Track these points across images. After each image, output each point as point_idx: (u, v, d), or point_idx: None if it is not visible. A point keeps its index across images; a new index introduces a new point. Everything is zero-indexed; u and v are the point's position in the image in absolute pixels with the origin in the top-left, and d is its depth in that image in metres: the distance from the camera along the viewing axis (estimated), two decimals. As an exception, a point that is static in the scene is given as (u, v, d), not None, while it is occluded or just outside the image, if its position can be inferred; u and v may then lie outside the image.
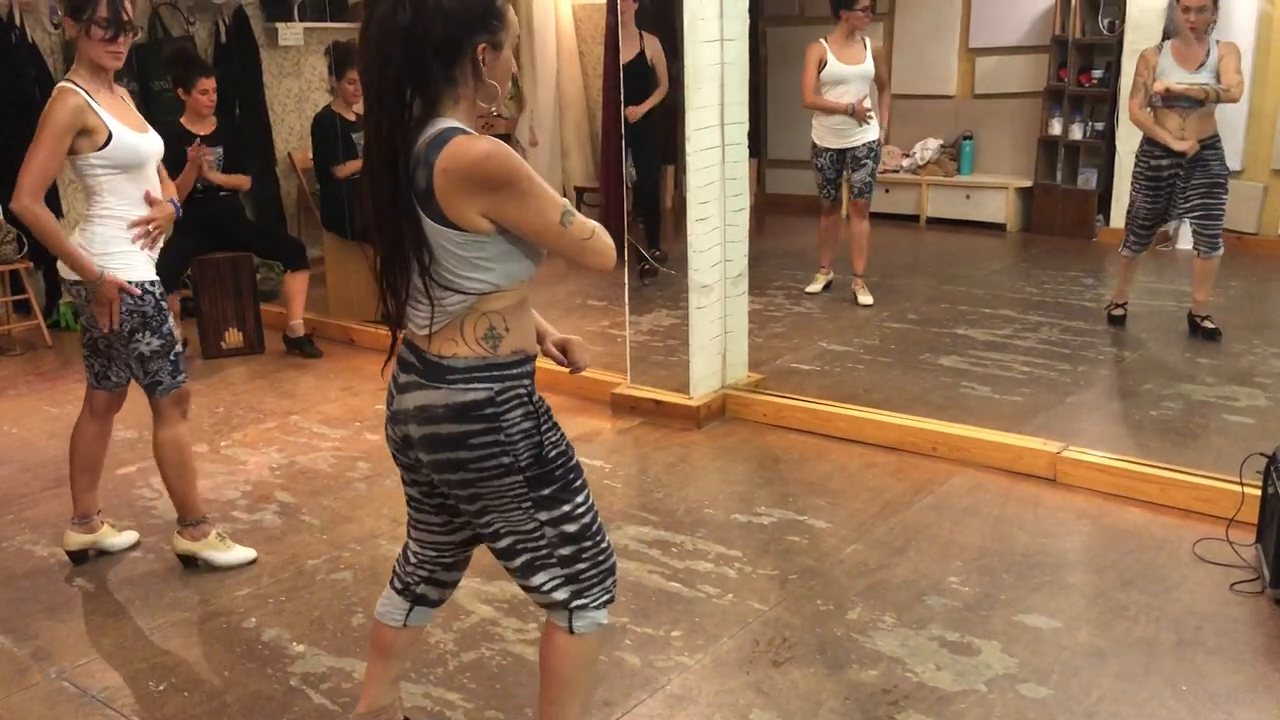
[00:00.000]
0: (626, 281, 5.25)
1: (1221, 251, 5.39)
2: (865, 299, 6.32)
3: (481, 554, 3.43)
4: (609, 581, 2.17)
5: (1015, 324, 5.81)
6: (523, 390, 2.04)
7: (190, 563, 3.44)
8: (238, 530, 3.69)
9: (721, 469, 4.13)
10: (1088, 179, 8.21)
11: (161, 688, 2.78)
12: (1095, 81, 8.04)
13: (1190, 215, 5.36)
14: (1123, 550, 3.37)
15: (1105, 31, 8.01)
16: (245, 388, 5.30)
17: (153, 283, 3.25)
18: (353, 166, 6.01)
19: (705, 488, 3.93)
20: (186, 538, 3.42)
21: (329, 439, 4.54)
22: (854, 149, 6.22)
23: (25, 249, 6.08)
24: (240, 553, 3.47)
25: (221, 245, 5.80)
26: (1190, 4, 5.03)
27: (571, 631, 2.15)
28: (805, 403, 4.49)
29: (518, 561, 2.11)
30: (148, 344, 3.22)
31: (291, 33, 7.48)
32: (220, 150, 5.61)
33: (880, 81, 6.30)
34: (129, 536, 3.63)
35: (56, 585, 3.36)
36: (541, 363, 2.20)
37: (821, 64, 6.01)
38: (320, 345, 5.85)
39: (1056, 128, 8.33)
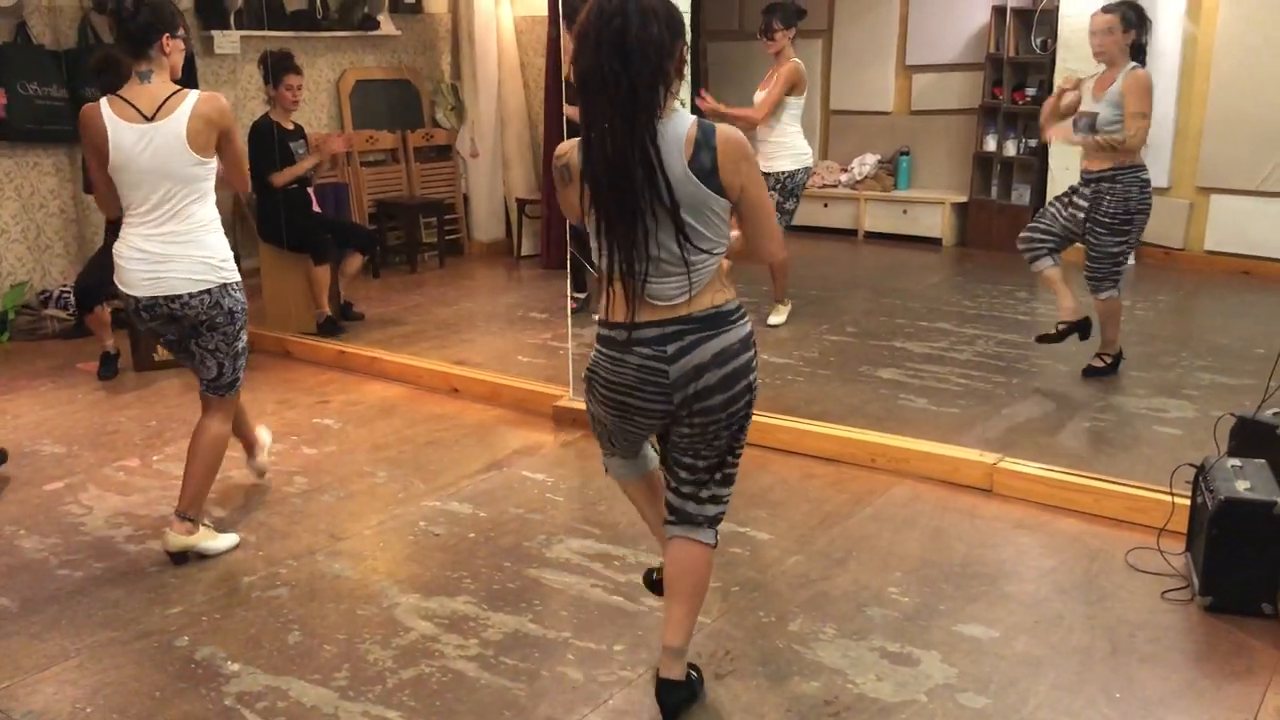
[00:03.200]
0: (569, 293, 5.25)
1: (1106, 295, 4.92)
2: (775, 319, 6.14)
3: (422, 569, 3.40)
4: None
5: (952, 337, 5.90)
6: None
7: (181, 559, 3.46)
8: (170, 547, 3.61)
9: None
10: (1021, 195, 8.37)
11: (89, 710, 2.71)
12: (1029, 99, 8.20)
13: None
14: (1058, 560, 3.42)
15: (1038, 50, 8.18)
16: (178, 401, 5.20)
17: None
18: (290, 174, 5.94)
19: (647, 500, 3.92)
20: (183, 532, 3.45)
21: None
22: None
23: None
24: (228, 538, 3.59)
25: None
26: (1092, 28, 4.80)
27: (714, 545, 2.58)
28: (746, 415, 4.51)
29: (721, 475, 2.54)
30: (243, 342, 3.50)
31: (228, 41, 7.37)
32: None
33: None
34: (228, 539, 3.61)
35: (-20, 605, 3.26)
36: (489, 375, 2.18)
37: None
38: (255, 358, 5.75)
39: (991, 144, 8.48)
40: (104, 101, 3.29)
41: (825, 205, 9.14)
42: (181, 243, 3.32)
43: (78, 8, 6.66)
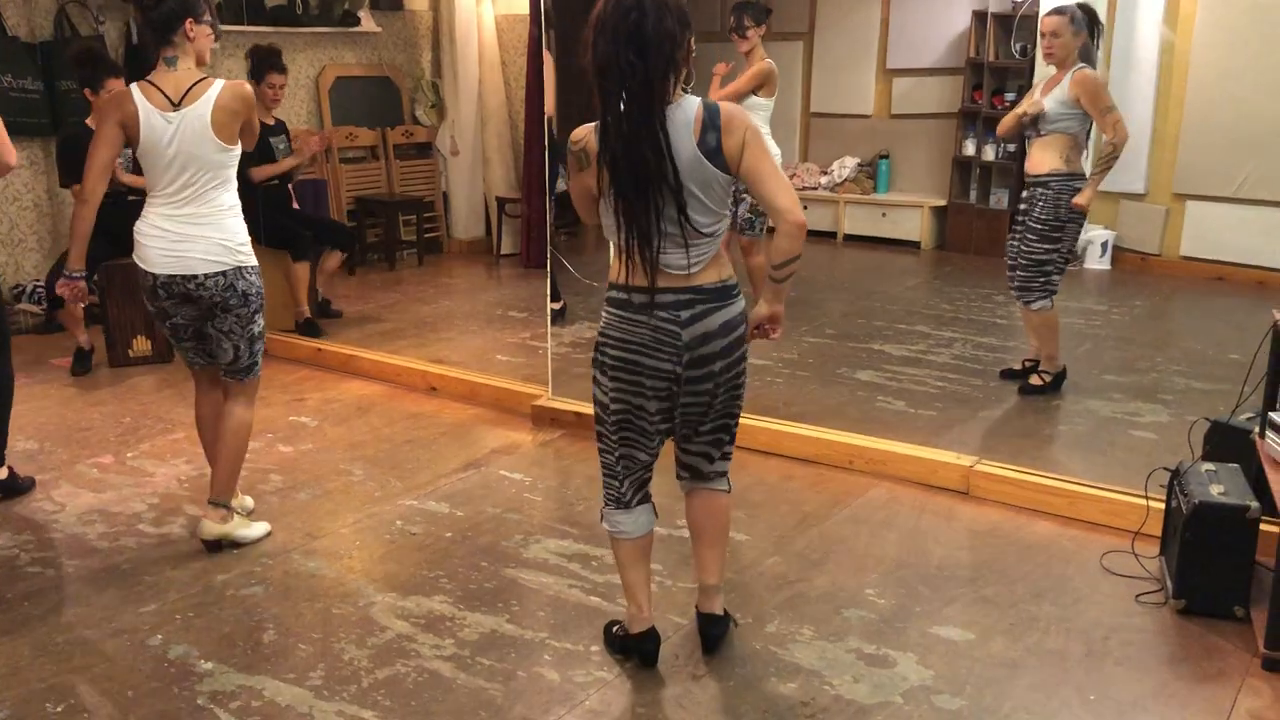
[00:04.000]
0: (548, 293, 5.23)
1: (1038, 306, 4.82)
2: None
3: (398, 568, 3.39)
4: None
5: (929, 340, 5.92)
6: None
7: (216, 547, 3.51)
8: (144, 544, 3.58)
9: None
10: (1000, 199, 8.41)
11: (60, 709, 2.68)
12: (1008, 104, 8.22)
13: None
14: (1034, 563, 3.44)
15: (1018, 55, 8.23)
16: (153, 397, 5.16)
17: None
18: (270, 171, 5.90)
19: (625, 501, 3.91)
20: (217, 520, 3.51)
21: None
22: None
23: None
24: (260, 527, 3.64)
25: (129, 250, 5.62)
26: (1042, 29, 4.77)
27: (729, 490, 2.87)
28: (725, 416, 4.51)
29: (727, 435, 2.78)
30: (259, 325, 3.52)
31: (206, 35, 7.30)
32: (129, 152, 5.45)
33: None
34: (261, 527, 3.65)
35: (-51, 602, 3.23)
36: (468, 374, 2.17)
37: None
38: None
39: (970, 148, 8.52)
40: (135, 87, 3.35)
41: (805, 207, 9.09)
42: (201, 224, 3.38)
43: (54, -1, 6.60)
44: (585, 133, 2.54)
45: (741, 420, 2.77)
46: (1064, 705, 2.68)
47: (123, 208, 5.51)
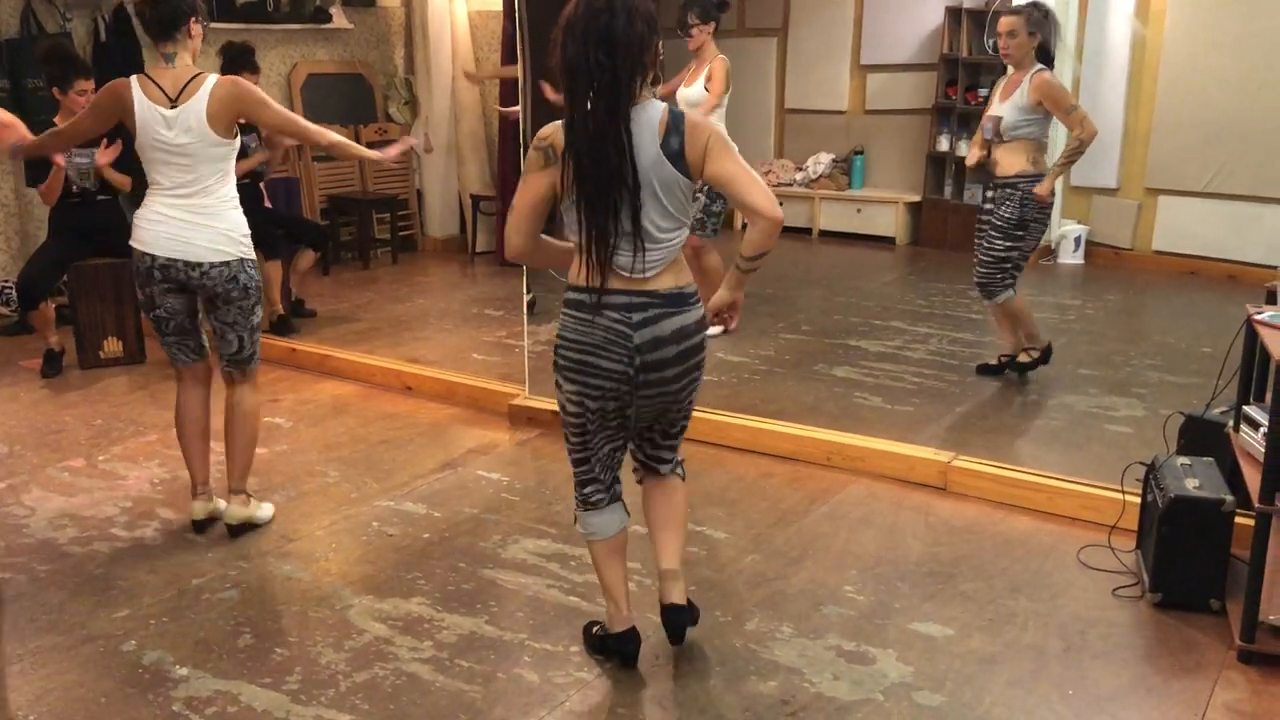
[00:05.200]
0: (524, 291, 5.21)
1: (1003, 298, 4.89)
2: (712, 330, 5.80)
3: (375, 570, 3.36)
4: None
5: (905, 335, 5.93)
6: None
7: (240, 531, 3.61)
8: (117, 549, 3.54)
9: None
10: (974, 194, 8.42)
11: (32, 717, 2.64)
12: (981, 100, 8.24)
13: None
14: (1012, 558, 3.45)
15: (991, 51, 8.24)
16: (125, 399, 5.10)
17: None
18: (241, 168, 5.81)
19: (603, 500, 3.90)
20: (241, 505, 3.63)
21: (214, 452, 4.36)
22: None
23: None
24: (268, 507, 3.78)
25: (100, 251, 5.58)
26: (999, 29, 4.70)
27: (684, 477, 2.94)
28: (702, 413, 4.49)
29: (679, 428, 2.84)
30: (257, 317, 3.60)
31: (176, 32, 7.23)
32: (93, 152, 5.40)
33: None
34: (269, 507, 3.78)
35: (-83, 610, 3.18)
36: (444, 373, 2.15)
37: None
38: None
39: (944, 144, 8.55)
40: (134, 80, 3.39)
41: (780, 204, 9.16)
42: (206, 215, 3.43)
43: (20, -4, 6.51)
44: (552, 130, 2.56)
45: (718, 417, 2.82)
46: (1043, 700, 2.69)
47: (91, 207, 5.48)
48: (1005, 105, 4.72)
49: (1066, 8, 7.72)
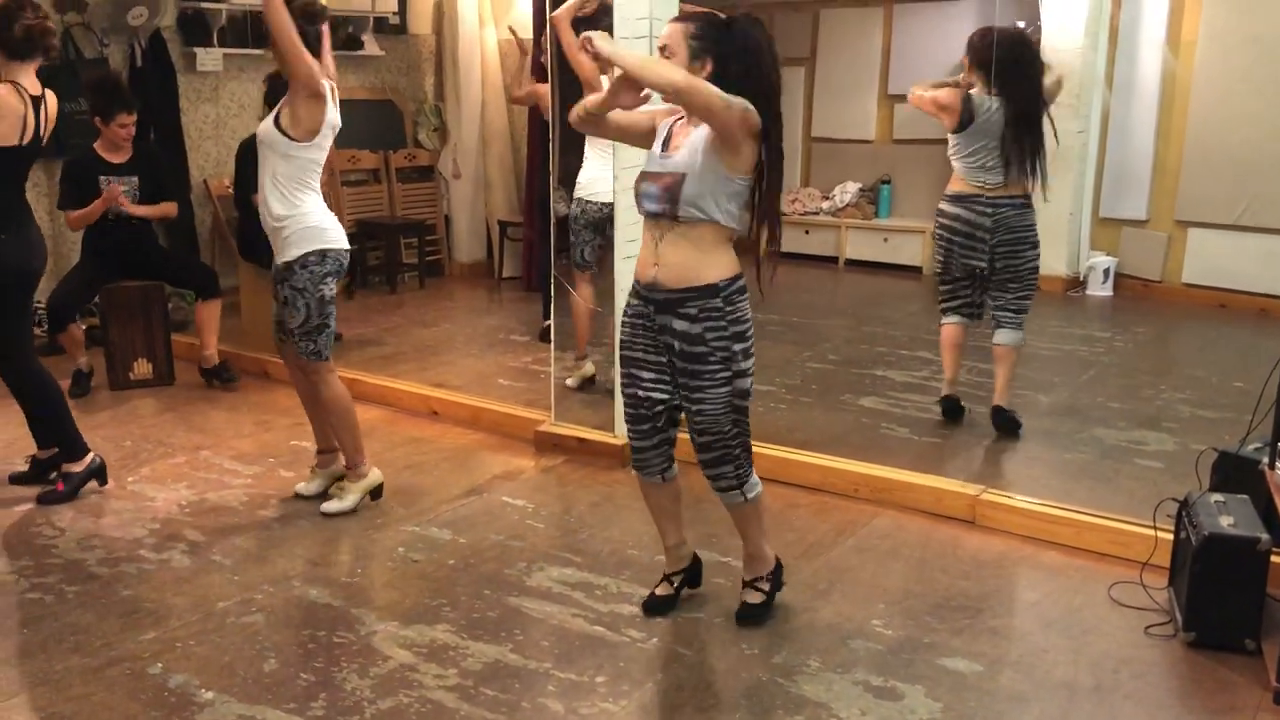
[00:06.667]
0: (552, 316, 5.21)
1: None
2: (570, 381, 5.39)
3: (400, 596, 3.36)
4: None
5: (933, 365, 5.89)
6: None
7: (376, 494, 4.11)
8: (144, 571, 3.55)
9: (645, 509, 4.07)
10: (1001, 225, 8.40)
11: (59, 739, 2.65)
12: (1009, 130, 8.24)
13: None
14: (1041, 593, 3.41)
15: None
16: (154, 421, 5.13)
17: None
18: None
19: (629, 528, 3.89)
20: (355, 480, 4.06)
21: (241, 475, 4.40)
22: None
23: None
24: (354, 498, 4.09)
25: (131, 273, 5.63)
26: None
27: (747, 500, 3.23)
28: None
29: (724, 453, 3.15)
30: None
31: (211, 58, 7.33)
32: (135, 180, 5.46)
33: None
34: (315, 485, 4.18)
35: (-54, 629, 3.19)
36: (470, 399, 2.14)
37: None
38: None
39: (972, 174, 8.51)
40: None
41: (807, 232, 9.17)
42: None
43: (59, 20, 6.60)
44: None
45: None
46: (1074, 740, 2.65)
47: (125, 229, 5.53)
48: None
49: (1096, 39, 7.72)
